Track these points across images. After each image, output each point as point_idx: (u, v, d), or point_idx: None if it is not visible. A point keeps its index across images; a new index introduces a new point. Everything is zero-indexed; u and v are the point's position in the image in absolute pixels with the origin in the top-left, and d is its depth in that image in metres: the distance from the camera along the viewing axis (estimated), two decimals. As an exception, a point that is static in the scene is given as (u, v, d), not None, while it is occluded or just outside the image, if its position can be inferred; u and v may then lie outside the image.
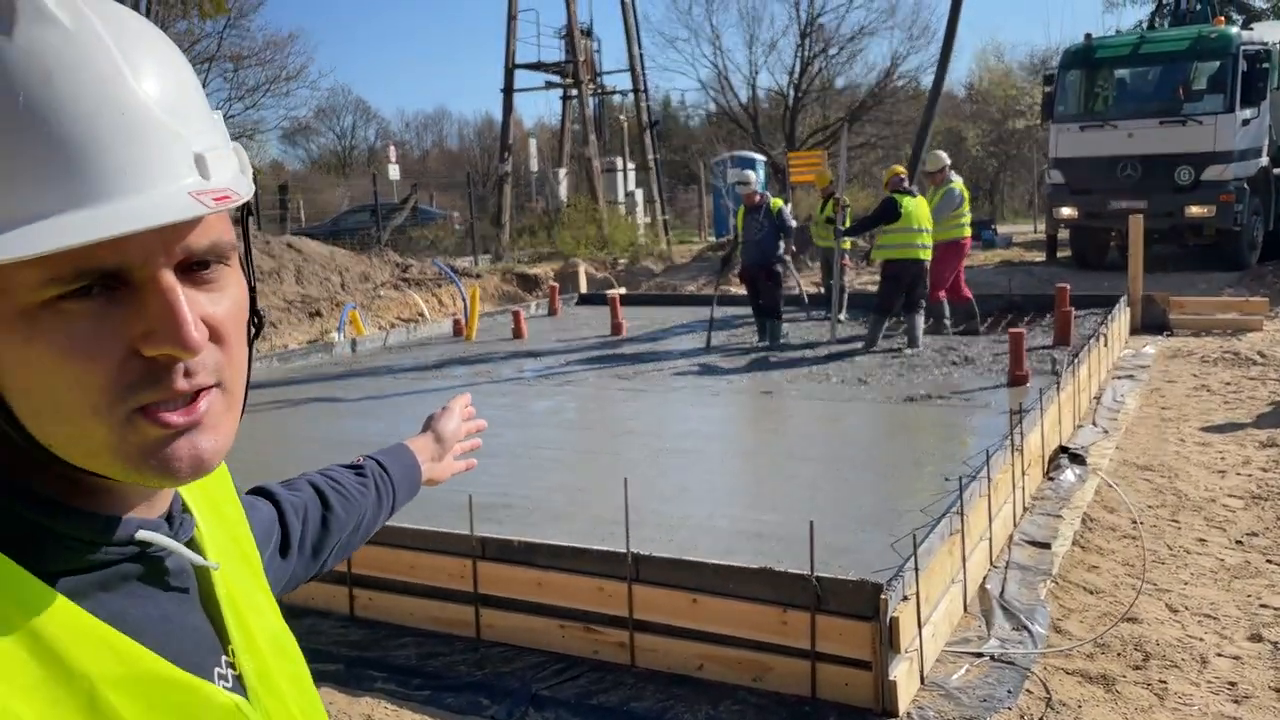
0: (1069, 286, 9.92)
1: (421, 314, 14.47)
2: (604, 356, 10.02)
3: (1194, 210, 15.09)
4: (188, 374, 0.67)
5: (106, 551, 0.71)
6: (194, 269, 0.69)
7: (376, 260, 16.60)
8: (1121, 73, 16.55)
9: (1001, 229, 25.20)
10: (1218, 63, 15.20)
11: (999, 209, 37.52)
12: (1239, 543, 5.09)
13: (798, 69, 36.22)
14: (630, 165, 28.45)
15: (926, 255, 9.35)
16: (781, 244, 10.00)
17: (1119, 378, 9.08)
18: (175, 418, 0.67)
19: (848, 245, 11.83)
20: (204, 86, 0.75)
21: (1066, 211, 16.52)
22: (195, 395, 0.69)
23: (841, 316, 10.77)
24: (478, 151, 51.44)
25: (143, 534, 0.72)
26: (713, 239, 26.26)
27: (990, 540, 4.59)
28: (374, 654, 3.98)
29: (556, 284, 15.39)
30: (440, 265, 15.03)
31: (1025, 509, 5.34)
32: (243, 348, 0.74)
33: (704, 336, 10.46)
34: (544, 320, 13.39)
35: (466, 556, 4.03)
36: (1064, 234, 17.75)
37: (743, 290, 11.18)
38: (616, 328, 11.60)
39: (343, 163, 55.35)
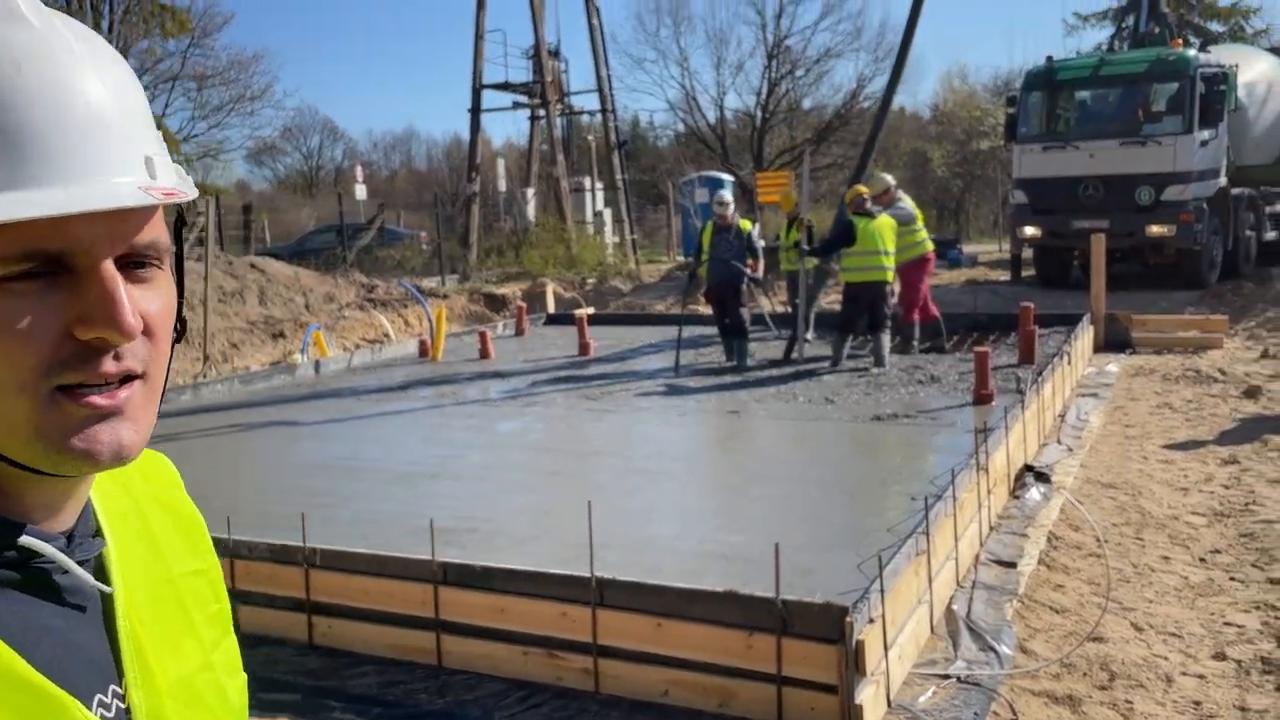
0: (1033, 305, 10.01)
1: (386, 334, 14.35)
2: (571, 376, 9.97)
3: (1155, 230, 15.32)
4: (116, 358, 0.70)
5: None
6: (131, 267, 0.72)
7: (342, 281, 16.47)
8: (1082, 94, 16.79)
9: (967, 248, 25.44)
10: (1176, 85, 15.47)
11: (964, 229, 37.93)
12: (1202, 560, 5.12)
13: (765, 90, 36.49)
14: (599, 185, 28.48)
15: (887, 276, 9.37)
16: (749, 265, 10.02)
17: (1083, 395, 9.15)
18: (99, 400, 0.70)
19: (812, 265, 11.87)
20: (167, 106, 0.79)
21: (1030, 231, 16.71)
22: (120, 383, 0.71)
23: (809, 336, 10.79)
24: (446, 172, 51.33)
25: (27, 540, 0.72)
26: (681, 259, 26.32)
27: (957, 560, 4.57)
28: (332, 682, 3.89)
29: (524, 304, 15.33)
30: (406, 285, 14.93)
31: (991, 528, 5.34)
32: (169, 346, 0.77)
33: (672, 356, 10.44)
34: (511, 340, 13.31)
35: (427, 582, 3.95)
36: (1028, 253, 17.95)
37: (710, 310, 11.18)
38: (584, 348, 11.56)
39: (310, 183, 55.03)
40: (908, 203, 10.16)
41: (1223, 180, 15.77)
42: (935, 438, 6.74)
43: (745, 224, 10.09)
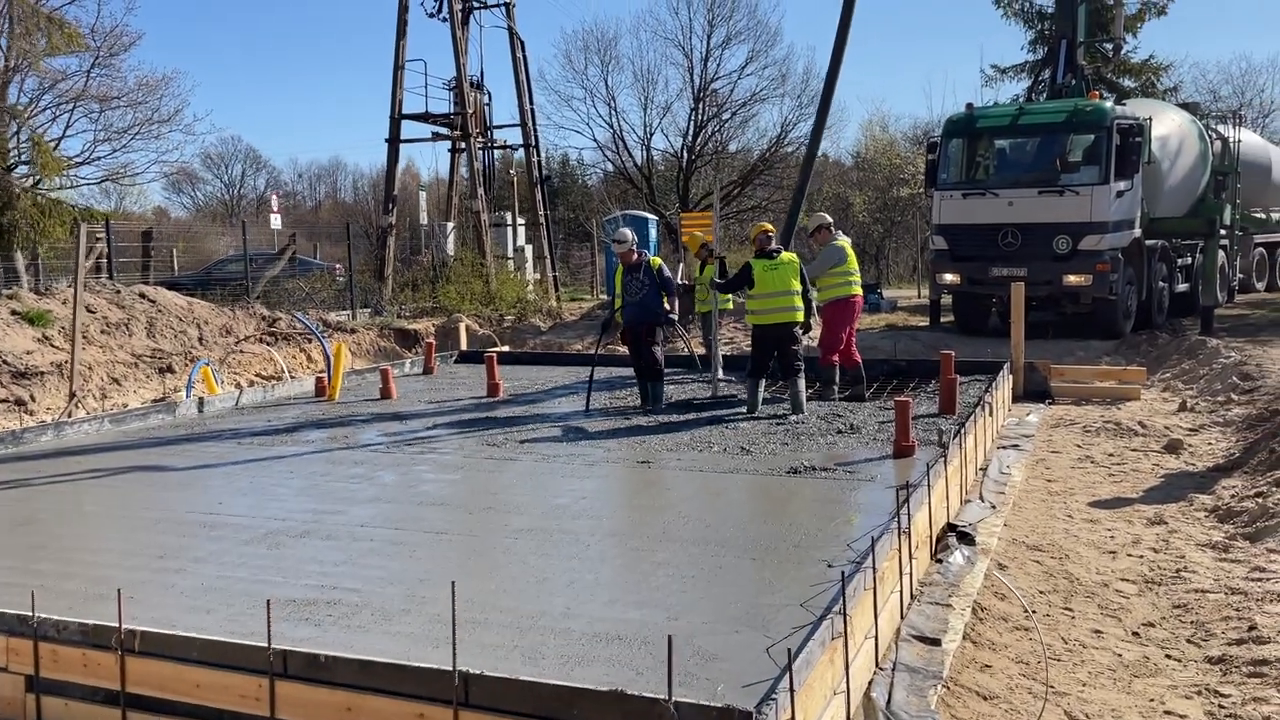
0: (954, 353, 9.76)
1: (283, 371, 13.55)
2: (476, 420, 9.38)
3: (1071, 279, 15.39)
4: None
5: None
6: None
7: (240, 313, 15.62)
8: (1002, 143, 16.90)
9: (887, 293, 25.57)
10: (1093, 136, 15.64)
11: (884, 274, 38.38)
12: (1136, 634, 4.76)
13: (691, 132, 36.55)
14: (520, 221, 27.97)
15: (791, 317, 9.00)
16: (665, 302, 9.61)
17: (1004, 447, 8.88)
18: None
19: (730, 305, 11.58)
20: (68, 126, 0.27)
21: (949, 277, 16.69)
22: None
23: (723, 377, 10.41)
24: (372, 204, 50.46)
25: None
26: (604, 296, 25.90)
27: (876, 638, 4.12)
28: (140, 798, 3.25)
29: (434, 340, 14.67)
30: (301, 318, 14.18)
31: (913, 597, 4.92)
32: None
33: (584, 399, 9.93)
34: (419, 379, 12.67)
35: (262, 674, 3.35)
36: (947, 299, 17.95)
37: (626, 350, 10.72)
38: (493, 389, 10.99)
39: (230, 211, 53.65)
40: (842, 242, 9.86)
41: (1137, 231, 15.96)
42: (854, 494, 6.33)
43: (655, 261, 9.69)
